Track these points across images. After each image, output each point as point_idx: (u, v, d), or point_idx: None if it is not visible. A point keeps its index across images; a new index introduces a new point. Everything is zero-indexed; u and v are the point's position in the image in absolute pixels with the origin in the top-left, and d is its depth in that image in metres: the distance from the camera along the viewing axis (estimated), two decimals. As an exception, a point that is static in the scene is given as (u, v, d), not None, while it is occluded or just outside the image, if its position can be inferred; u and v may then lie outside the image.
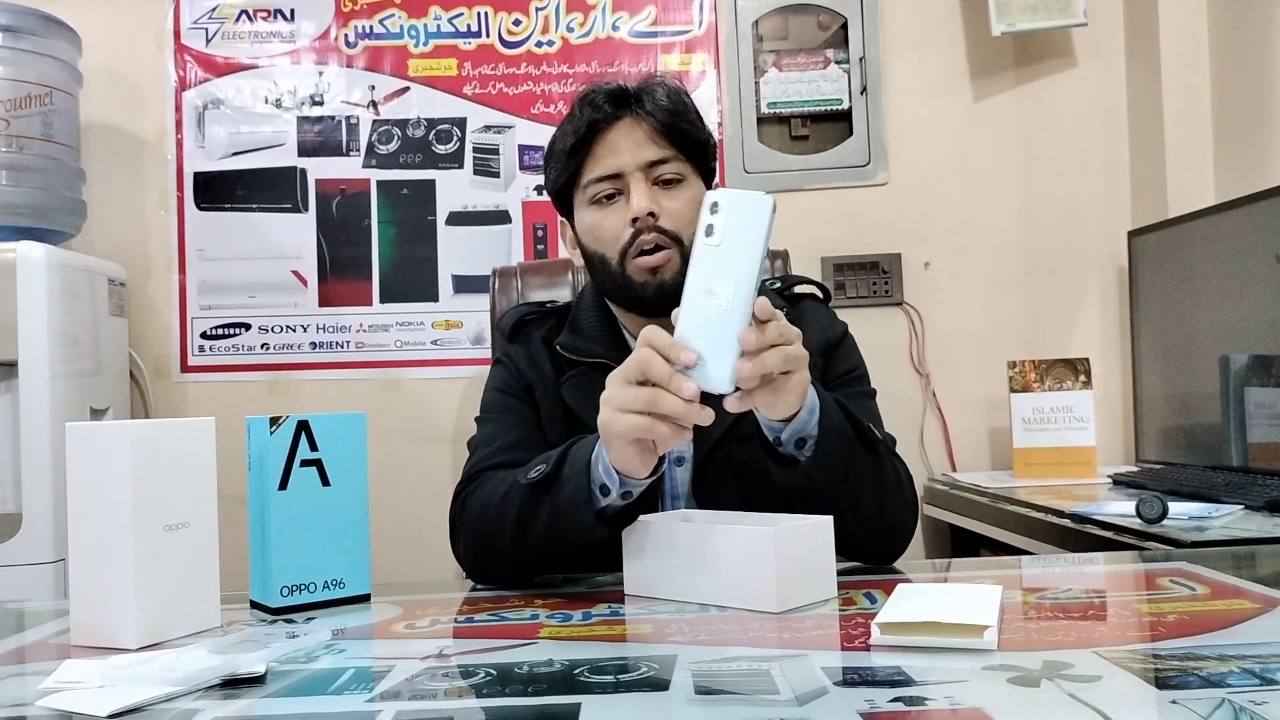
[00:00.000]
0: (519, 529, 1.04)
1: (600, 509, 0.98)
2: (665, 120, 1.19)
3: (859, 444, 1.04)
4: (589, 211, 1.21)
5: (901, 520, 1.12)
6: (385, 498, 1.96)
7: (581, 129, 1.19)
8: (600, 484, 0.98)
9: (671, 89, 1.22)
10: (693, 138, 1.22)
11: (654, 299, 1.17)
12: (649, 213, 1.16)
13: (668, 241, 1.17)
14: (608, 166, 1.19)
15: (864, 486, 1.05)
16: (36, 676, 0.73)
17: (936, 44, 2.39)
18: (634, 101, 1.20)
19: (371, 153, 2.40)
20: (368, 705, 0.65)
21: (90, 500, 0.85)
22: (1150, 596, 0.90)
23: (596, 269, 1.23)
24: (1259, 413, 1.76)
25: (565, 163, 1.21)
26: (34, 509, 1.90)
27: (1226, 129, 2.18)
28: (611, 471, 0.96)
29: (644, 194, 1.17)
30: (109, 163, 2.38)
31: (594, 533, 0.99)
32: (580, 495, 0.98)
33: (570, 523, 1.00)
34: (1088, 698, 0.60)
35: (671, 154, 1.20)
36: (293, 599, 0.95)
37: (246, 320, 2.39)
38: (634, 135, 1.19)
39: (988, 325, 2.36)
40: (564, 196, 1.26)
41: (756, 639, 0.78)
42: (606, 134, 1.19)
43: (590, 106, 1.20)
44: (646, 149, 1.19)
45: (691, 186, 1.21)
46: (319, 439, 0.97)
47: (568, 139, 1.21)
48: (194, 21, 2.41)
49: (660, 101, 1.20)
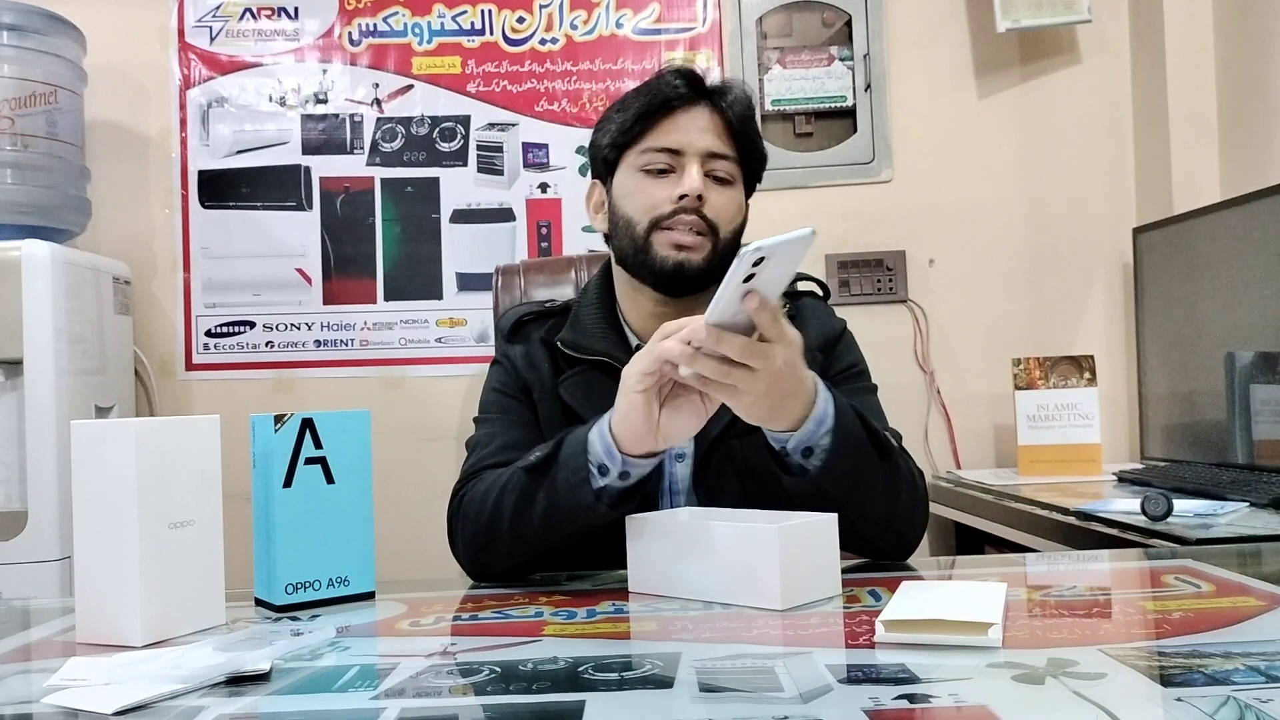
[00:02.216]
0: (517, 516, 1.05)
1: (599, 488, 0.99)
2: (735, 119, 1.20)
3: (872, 452, 1.04)
4: (636, 176, 1.21)
5: (913, 520, 1.12)
6: (390, 495, 1.96)
7: (656, 102, 1.20)
8: (599, 463, 0.99)
9: (747, 96, 1.23)
10: (755, 147, 1.24)
11: (670, 275, 1.17)
12: (698, 195, 1.17)
13: (704, 228, 1.17)
14: (672, 140, 1.19)
15: (874, 493, 1.05)
16: (42, 674, 0.74)
17: (941, 41, 2.39)
18: (713, 93, 1.21)
19: (375, 151, 2.40)
20: (372, 703, 0.65)
21: (95, 498, 0.85)
22: (1155, 594, 0.90)
23: (620, 233, 1.22)
24: (1264, 410, 1.75)
25: (630, 125, 1.21)
26: (39, 507, 1.90)
27: (1232, 125, 2.18)
28: (613, 450, 0.97)
29: (697, 177, 1.17)
30: (114, 161, 2.38)
31: (592, 513, 0.99)
32: (579, 474, 0.99)
33: (568, 503, 1.00)
34: (1093, 695, 0.60)
35: (732, 154, 1.21)
36: (297, 596, 0.95)
37: (251, 318, 2.39)
38: (702, 123, 1.20)
39: (992, 322, 2.36)
40: (607, 160, 1.25)
41: (761, 636, 0.78)
42: (678, 113, 1.20)
43: (669, 84, 1.21)
44: (713, 139, 1.20)
45: (737, 190, 1.23)
46: (323, 437, 0.97)
47: (640, 103, 1.21)
48: (198, 20, 2.41)
49: (734, 101, 1.21)
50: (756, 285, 0.85)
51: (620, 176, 1.23)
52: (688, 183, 1.17)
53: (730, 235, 1.20)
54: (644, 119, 1.20)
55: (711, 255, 1.18)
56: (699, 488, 1.17)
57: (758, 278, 0.84)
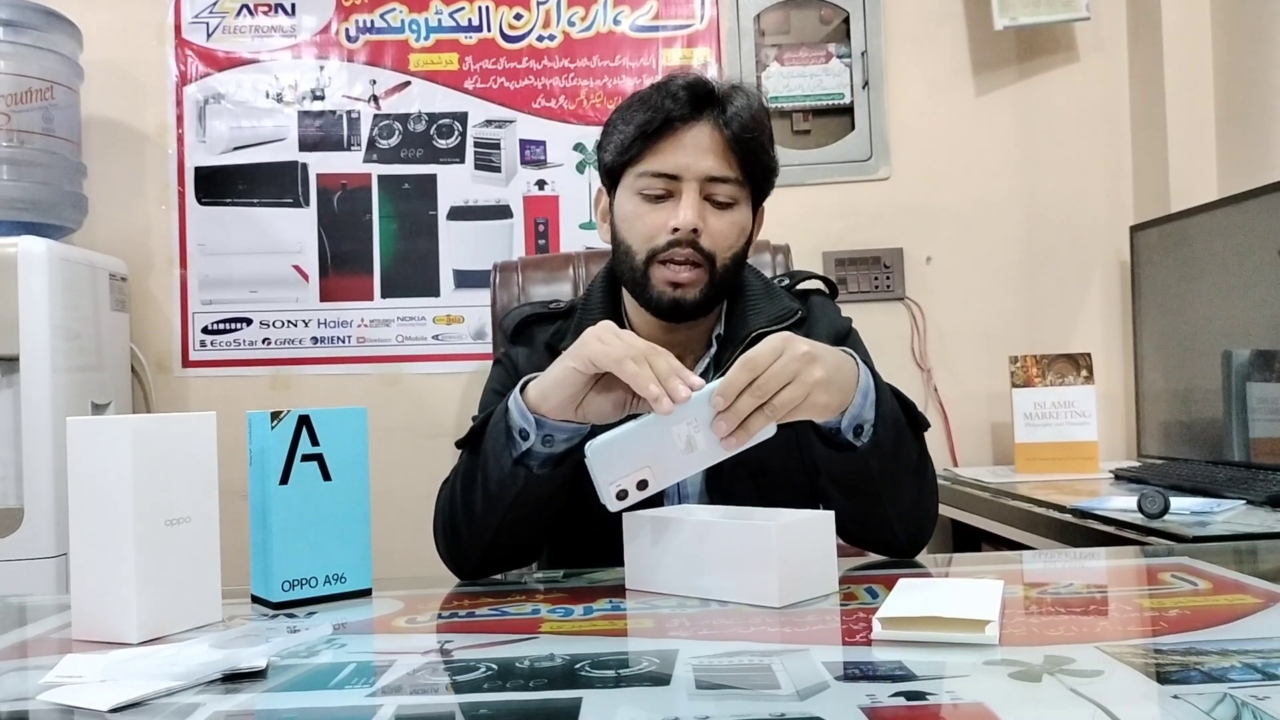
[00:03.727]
0: (465, 498, 1.06)
1: (521, 453, 1.00)
2: (739, 135, 1.14)
3: (909, 428, 1.06)
4: (633, 200, 1.18)
5: (931, 509, 1.14)
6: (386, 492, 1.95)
7: (657, 120, 1.14)
8: (519, 428, 1.00)
9: (755, 105, 1.17)
10: (761, 162, 1.18)
11: (669, 310, 1.16)
12: (692, 229, 1.13)
13: (700, 259, 1.15)
14: (668, 165, 1.15)
15: (908, 473, 1.07)
16: (38, 671, 0.74)
17: (939, 38, 2.39)
18: (716, 106, 1.15)
19: (373, 147, 2.40)
20: (369, 700, 0.65)
21: (91, 495, 0.84)
22: (1152, 591, 0.90)
23: (621, 256, 1.20)
24: (1261, 408, 1.75)
25: (630, 144, 1.16)
26: (35, 504, 1.90)
27: (1229, 123, 2.18)
28: (526, 413, 0.99)
29: (693, 206, 1.13)
30: (110, 157, 2.38)
31: (516, 480, 1.01)
32: (499, 441, 1.01)
33: (496, 472, 1.02)
34: (1089, 693, 0.60)
35: (734, 175, 1.16)
36: (294, 594, 0.95)
37: (248, 315, 2.39)
38: (703, 143, 1.14)
39: (989, 320, 2.36)
40: (612, 170, 1.22)
41: (758, 634, 0.78)
42: (678, 132, 1.15)
43: (671, 98, 1.15)
44: (711, 161, 1.14)
45: (740, 212, 1.18)
46: (320, 434, 0.97)
47: (640, 120, 1.15)
48: (195, 16, 2.40)
49: (740, 114, 1.15)
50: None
51: (621, 195, 1.21)
52: (683, 215, 1.13)
53: (729, 260, 1.17)
54: (644, 138, 1.15)
55: (709, 286, 1.16)
56: (712, 490, 1.16)
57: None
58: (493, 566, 1.10)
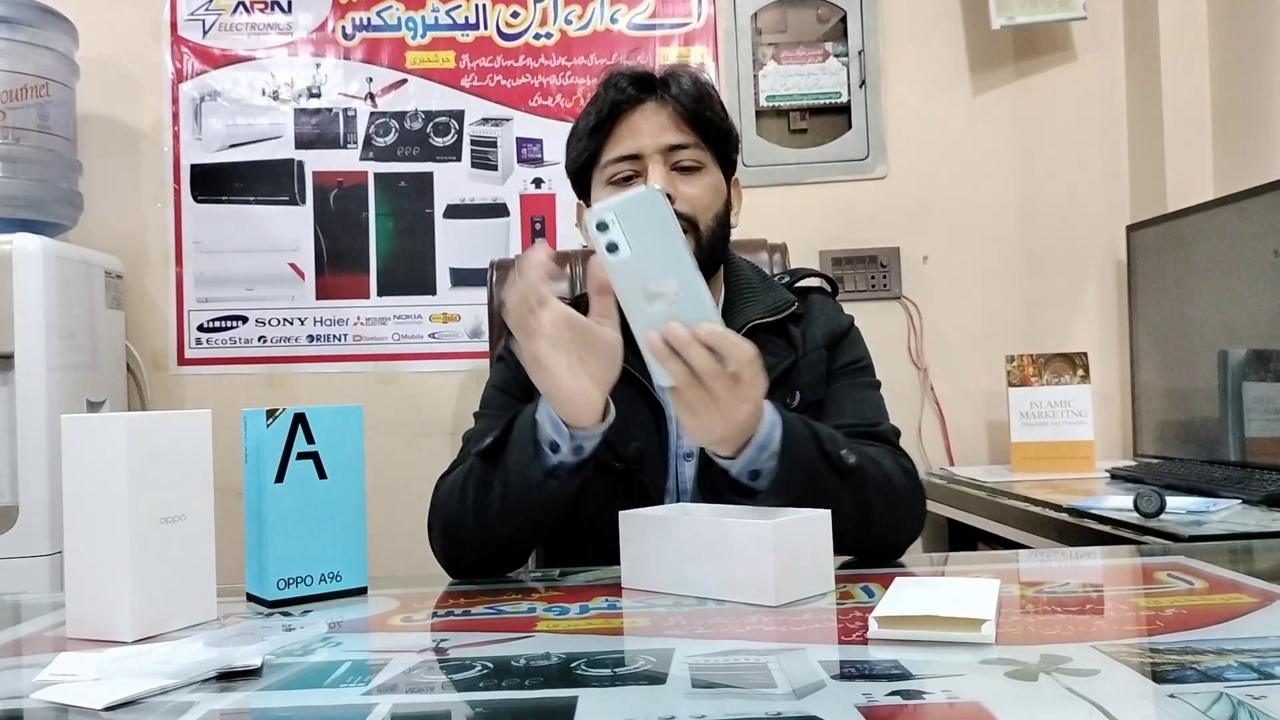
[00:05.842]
0: (478, 503, 1.05)
1: (553, 466, 0.99)
2: (688, 105, 1.18)
3: (829, 476, 1.01)
4: (606, 191, 1.20)
5: (896, 525, 1.10)
6: (382, 491, 1.95)
7: (604, 110, 1.19)
8: (550, 441, 0.99)
9: (696, 77, 1.21)
10: (715, 125, 1.21)
11: None
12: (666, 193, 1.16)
13: (685, 226, 1.15)
14: (627, 147, 1.18)
15: (835, 513, 1.03)
16: (32, 669, 0.73)
17: (936, 37, 2.39)
18: (658, 85, 1.20)
19: (369, 145, 2.40)
20: (364, 698, 0.65)
21: (86, 493, 0.84)
22: (1148, 591, 0.90)
23: None
24: (1257, 407, 1.76)
25: (585, 142, 1.21)
26: (30, 502, 1.90)
27: (1226, 123, 2.18)
28: (560, 426, 0.97)
29: (661, 176, 1.16)
30: (105, 155, 2.37)
31: (544, 491, 1.00)
32: (528, 452, 0.99)
33: (521, 483, 1.01)
34: (1086, 691, 0.60)
35: (692, 140, 1.19)
36: (289, 592, 0.95)
37: (243, 313, 2.39)
38: (656, 119, 1.18)
39: (986, 319, 2.36)
40: (582, 178, 1.25)
41: (754, 632, 0.78)
42: (629, 116, 1.19)
43: (614, 88, 1.19)
44: (668, 133, 1.18)
45: (710, 174, 1.21)
46: (316, 431, 0.97)
47: (590, 118, 1.20)
48: (191, 13, 2.40)
49: (685, 87, 1.19)
50: (635, 256, 0.86)
51: (595, 195, 1.23)
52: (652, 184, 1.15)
53: (712, 221, 1.19)
54: (597, 133, 1.19)
55: (697, 249, 1.16)
56: (704, 489, 1.17)
57: (623, 246, 0.86)
58: (489, 568, 1.09)
